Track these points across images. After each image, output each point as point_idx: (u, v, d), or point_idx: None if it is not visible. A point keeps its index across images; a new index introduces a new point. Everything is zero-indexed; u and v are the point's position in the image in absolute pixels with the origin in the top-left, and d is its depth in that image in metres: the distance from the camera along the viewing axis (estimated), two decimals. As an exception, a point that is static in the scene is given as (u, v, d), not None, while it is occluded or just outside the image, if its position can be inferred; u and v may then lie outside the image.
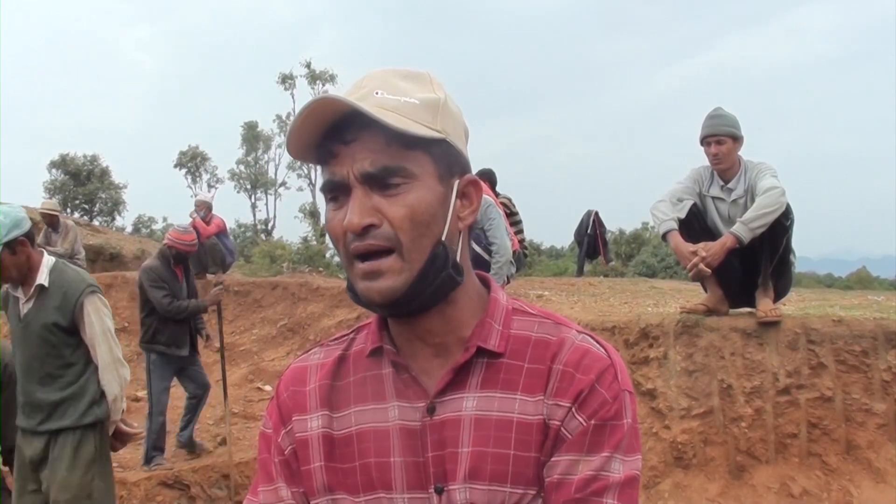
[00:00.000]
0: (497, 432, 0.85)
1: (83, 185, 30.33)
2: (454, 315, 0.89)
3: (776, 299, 3.95)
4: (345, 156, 0.81)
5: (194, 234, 5.64)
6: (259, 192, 36.87)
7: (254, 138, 36.78)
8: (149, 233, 31.95)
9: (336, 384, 0.94)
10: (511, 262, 5.27)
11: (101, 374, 2.94)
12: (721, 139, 3.84)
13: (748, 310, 4.06)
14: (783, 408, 3.68)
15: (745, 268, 3.86)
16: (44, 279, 2.84)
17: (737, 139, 3.87)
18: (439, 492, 0.85)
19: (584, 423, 0.83)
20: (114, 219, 31.35)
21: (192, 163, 36.32)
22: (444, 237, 0.84)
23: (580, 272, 11.10)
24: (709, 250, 3.63)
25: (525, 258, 7.06)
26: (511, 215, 6.33)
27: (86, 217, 27.77)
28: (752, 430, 3.71)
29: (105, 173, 31.17)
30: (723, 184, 3.93)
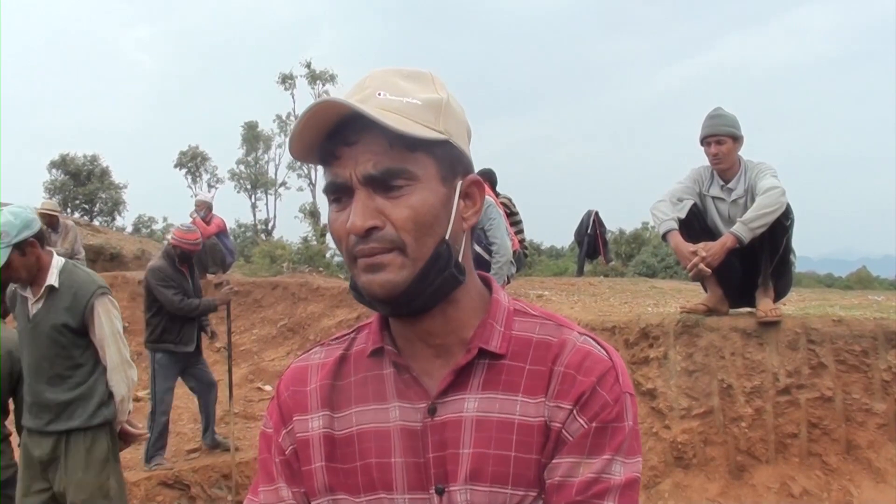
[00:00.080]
0: (498, 434, 0.84)
1: (83, 185, 30.33)
2: (456, 316, 0.88)
3: (776, 299, 3.95)
4: (347, 158, 0.81)
5: (198, 233, 5.65)
6: (259, 192, 36.84)
7: (254, 138, 36.72)
8: (149, 233, 31.95)
9: (337, 384, 0.94)
10: (511, 262, 5.26)
11: (109, 375, 2.94)
12: (721, 139, 3.84)
13: (748, 310, 4.06)
14: (783, 408, 3.68)
15: (746, 268, 3.86)
16: (54, 280, 2.83)
17: (737, 139, 3.87)
18: (440, 492, 0.85)
19: (585, 426, 0.83)
20: (114, 219, 31.38)
21: (193, 163, 36.28)
22: (447, 237, 0.84)
23: (580, 272, 11.10)
24: (709, 250, 3.63)
25: (525, 258, 7.06)
26: (511, 215, 6.32)
27: (86, 217, 27.77)
28: (752, 430, 3.71)
29: (105, 173, 31.17)
30: (723, 184, 3.94)
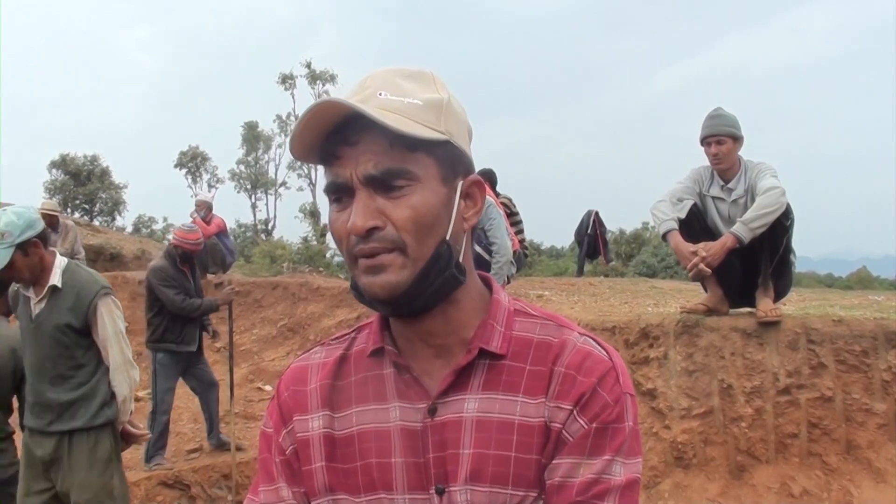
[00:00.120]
0: (498, 434, 0.84)
1: (83, 185, 30.34)
2: (456, 316, 0.88)
3: (776, 299, 3.95)
4: (348, 158, 0.81)
5: (200, 233, 5.66)
6: (259, 192, 36.86)
7: (254, 138, 36.74)
8: (149, 233, 31.96)
9: (337, 384, 0.94)
10: (511, 262, 5.26)
11: (111, 376, 2.94)
12: (721, 139, 3.84)
13: (748, 310, 4.06)
14: (783, 408, 3.68)
15: (746, 268, 3.86)
16: (57, 280, 2.83)
17: (737, 139, 3.87)
18: (440, 493, 0.85)
19: (585, 426, 0.83)
20: (114, 219, 31.41)
21: (193, 163, 36.29)
22: (448, 237, 0.84)
23: (580, 272, 11.10)
24: (709, 250, 3.64)
25: (525, 258, 7.06)
26: (511, 215, 6.32)
27: (86, 217, 27.78)
28: (752, 430, 3.71)
29: (105, 173, 31.19)
30: (723, 184, 3.94)
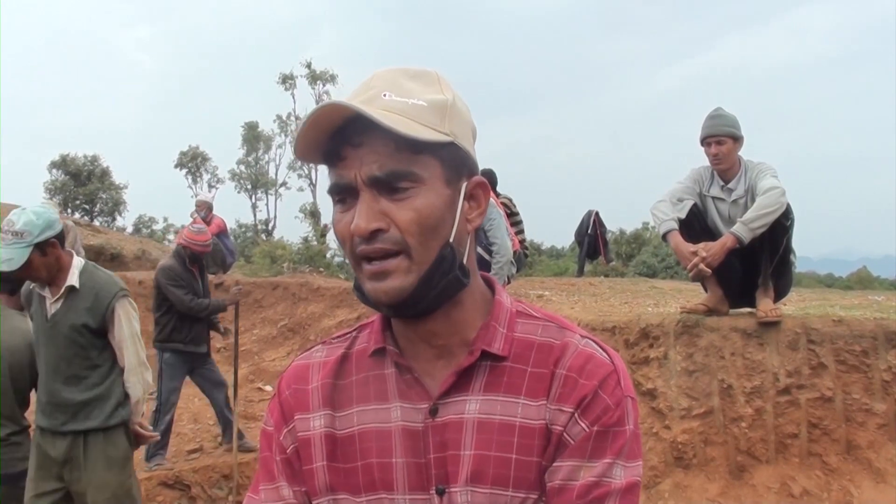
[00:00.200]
0: (499, 436, 0.84)
1: (84, 185, 30.35)
2: (459, 317, 0.88)
3: (776, 299, 3.95)
4: (353, 159, 0.81)
5: (209, 235, 5.68)
6: (259, 192, 36.85)
7: (254, 138, 36.73)
8: (149, 233, 31.99)
9: (338, 383, 0.94)
10: (512, 262, 5.26)
11: (126, 377, 2.94)
12: (721, 139, 3.84)
13: (748, 310, 4.06)
14: (783, 408, 3.68)
15: (746, 268, 3.86)
16: (74, 280, 2.83)
17: (737, 139, 3.88)
18: (440, 493, 0.85)
19: (586, 429, 0.83)
20: (114, 219, 31.42)
21: (193, 163, 36.29)
22: (451, 239, 0.84)
23: (580, 272, 11.09)
24: (709, 250, 3.64)
25: (526, 258, 7.05)
26: (512, 215, 6.32)
27: (86, 217, 27.77)
28: (752, 430, 3.71)
29: (105, 173, 31.20)
30: (723, 184, 3.94)
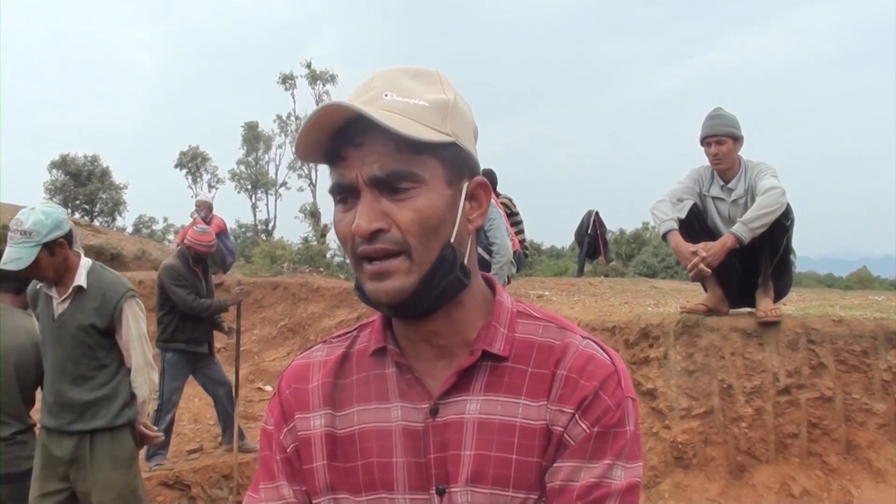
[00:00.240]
0: (500, 436, 0.84)
1: (84, 185, 30.38)
2: (460, 317, 0.88)
3: (776, 299, 3.95)
4: (354, 159, 0.81)
5: (213, 236, 5.68)
6: (259, 192, 36.86)
7: (254, 138, 36.74)
8: (149, 233, 31.99)
9: (339, 382, 0.93)
10: (512, 262, 5.26)
11: (133, 377, 2.94)
12: (721, 139, 3.84)
13: (748, 310, 4.06)
14: (783, 408, 3.68)
15: (746, 268, 3.86)
16: (82, 280, 2.82)
17: (737, 139, 3.88)
18: (440, 493, 0.85)
19: (587, 430, 0.83)
20: (114, 219, 31.45)
21: (193, 163, 36.30)
22: (452, 240, 0.84)
23: (580, 272, 11.09)
24: (709, 250, 3.64)
25: (526, 258, 7.05)
26: (512, 215, 6.32)
27: (86, 217, 27.81)
28: (752, 430, 3.71)
29: (105, 173, 31.23)
30: (723, 184, 3.94)
